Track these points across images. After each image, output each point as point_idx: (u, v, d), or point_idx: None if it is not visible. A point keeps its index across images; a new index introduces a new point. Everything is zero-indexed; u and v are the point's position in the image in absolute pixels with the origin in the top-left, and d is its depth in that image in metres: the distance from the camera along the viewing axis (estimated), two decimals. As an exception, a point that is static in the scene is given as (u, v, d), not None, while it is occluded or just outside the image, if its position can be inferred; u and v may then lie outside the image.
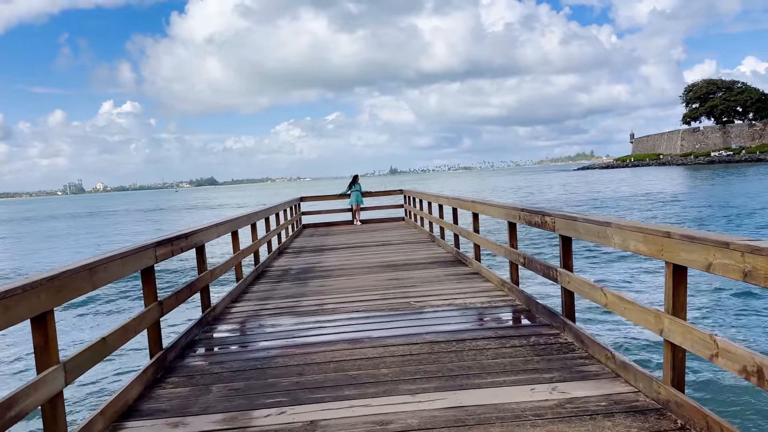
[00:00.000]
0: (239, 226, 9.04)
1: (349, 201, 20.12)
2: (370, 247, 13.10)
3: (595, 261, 17.63)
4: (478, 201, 8.70)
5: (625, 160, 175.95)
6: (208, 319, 6.72)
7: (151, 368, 4.80)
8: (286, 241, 15.13)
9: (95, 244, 34.03)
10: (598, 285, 4.55)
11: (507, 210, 6.95)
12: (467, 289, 7.63)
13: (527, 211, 6.15)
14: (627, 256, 17.20)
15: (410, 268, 9.78)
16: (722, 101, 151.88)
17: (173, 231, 6.30)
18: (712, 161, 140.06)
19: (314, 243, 15.00)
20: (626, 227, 4.00)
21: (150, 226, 48.17)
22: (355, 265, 10.45)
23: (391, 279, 8.81)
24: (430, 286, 8.02)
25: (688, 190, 48.89)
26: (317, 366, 4.86)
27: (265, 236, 11.75)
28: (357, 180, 20.23)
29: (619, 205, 38.62)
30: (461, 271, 9.14)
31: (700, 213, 29.80)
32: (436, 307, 6.73)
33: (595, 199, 45.42)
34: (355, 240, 14.97)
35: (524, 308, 6.40)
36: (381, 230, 17.33)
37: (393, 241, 14.14)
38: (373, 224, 19.71)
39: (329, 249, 13.39)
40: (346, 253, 12.31)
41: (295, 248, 14.11)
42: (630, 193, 48.73)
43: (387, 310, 6.75)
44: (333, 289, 8.33)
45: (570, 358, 4.68)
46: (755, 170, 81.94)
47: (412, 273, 9.24)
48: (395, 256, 11.27)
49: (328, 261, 11.34)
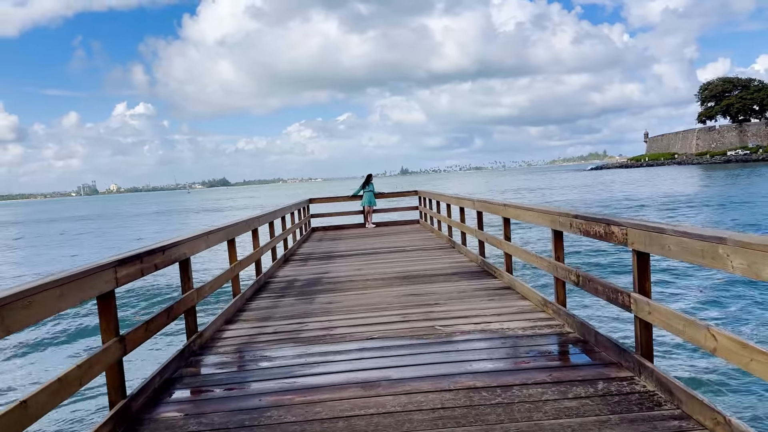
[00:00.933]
0: (236, 234, 7.92)
1: (362, 202, 18.97)
2: (384, 254, 11.94)
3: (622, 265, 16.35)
4: (512, 204, 7.51)
5: (639, 160, 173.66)
6: (193, 348, 5.60)
7: (107, 426, 3.68)
8: (294, 247, 14.02)
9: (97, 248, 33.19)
10: (702, 322, 3.36)
11: (552, 216, 5.77)
12: (502, 309, 6.44)
13: (583, 219, 4.96)
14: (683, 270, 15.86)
15: (431, 279, 8.61)
16: (738, 99, 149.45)
17: (148, 245, 5.18)
18: (729, 160, 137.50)
19: (323, 249, 13.86)
20: (756, 245, 2.81)
21: (159, 227, 47.45)
22: (367, 276, 9.30)
23: (409, 294, 7.65)
24: (457, 304, 6.84)
25: (724, 190, 46.33)
26: (321, 424, 3.71)
27: (268, 243, 10.64)
28: (370, 180, 19.08)
29: (656, 206, 36.08)
30: (491, 284, 7.95)
31: (756, 217, 27.57)
32: (468, 334, 5.56)
33: (622, 200, 43.45)
34: (367, 245, 13.82)
35: (578, 338, 5.20)
36: (395, 234, 16.17)
37: (409, 246, 12.97)
38: (386, 227, 18.55)
39: (339, 256, 12.25)
40: (358, 262, 11.17)
41: (303, 255, 12.98)
42: (661, 194, 45.80)
43: (407, 337, 5.58)
44: (343, 306, 7.18)
45: (659, 417, 3.49)
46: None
47: (433, 286, 8.07)
48: (412, 265, 10.11)
49: (337, 270, 10.20)
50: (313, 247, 14.35)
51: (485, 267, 9.16)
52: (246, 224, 8.61)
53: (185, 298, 5.56)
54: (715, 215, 29.42)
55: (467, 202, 10.50)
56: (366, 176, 19.21)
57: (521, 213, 6.98)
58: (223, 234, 7.21)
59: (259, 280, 9.23)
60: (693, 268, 14.48)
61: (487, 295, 7.29)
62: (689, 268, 14.66)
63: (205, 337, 5.95)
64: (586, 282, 4.97)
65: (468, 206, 10.43)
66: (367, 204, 18.85)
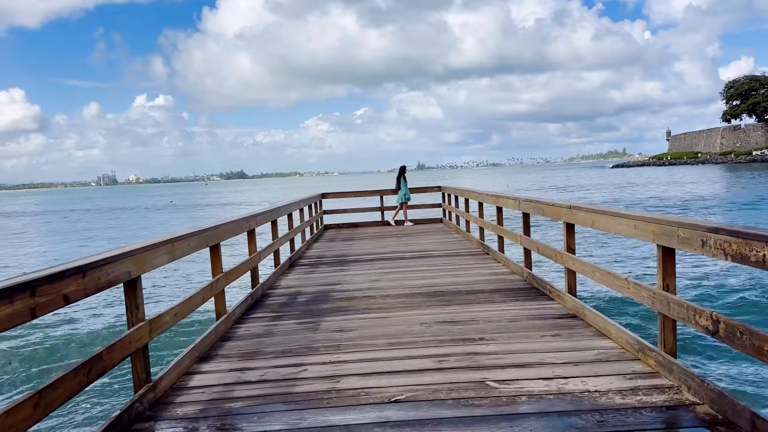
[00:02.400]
0: (222, 238, 6.20)
1: (397, 198, 17.20)
2: (406, 260, 10.18)
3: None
4: (583, 206, 5.70)
5: (661, 158, 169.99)
6: (140, 407, 3.88)
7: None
8: (302, 248, 12.31)
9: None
10: None
11: (663, 226, 3.95)
12: (577, 354, 4.64)
13: (734, 234, 3.15)
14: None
15: (467, 298, 6.83)
16: (765, 98, 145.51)
17: (62, 263, 3.47)
18: (754, 160, 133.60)
19: (335, 251, 12.13)
20: None
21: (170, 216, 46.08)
22: (387, 291, 7.55)
23: (442, 321, 5.87)
24: (510, 341, 5.06)
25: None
26: None
27: (269, 246, 8.93)
28: (404, 172, 17.34)
29: (705, 207, 32.95)
30: (549, 310, 6.14)
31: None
32: (538, 400, 3.76)
33: (662, 198, 40.81)
34: (385, 248, 12.06)
35: (716, 416, 3.39)
36: (416, 234, 14.38)
37: (434, 251, 11.18)
38: (406, 226, 16.77)
39: (354, 261, 10.50)
40: (375, 269, 9.41)
41: (312, 258, 11.25)
42: (705, 195, 42.42)
43: (449, 403, 3.80)
44: (356, 337, 5.43)
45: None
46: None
47: (472, 309, 6.29)
48: (441, 277, 8.33)
49: (351, 281, 8.46)
50: (324, 249, 12.62)
51: (534, 283, 7.35)
52: (235, 225, 6.86)
53: (130, 335, 3.85)
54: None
55: (508, 201, 8.68)
56: (400, 168, 17.47)
57: (601, 219, 5.16)
58: (200, 239, 5.49)
59: (255, 294, 7.52)
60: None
61: (548, 326, 5.48)
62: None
63: (161, 388, 4.23)
64: (735, 334, 3.16)
65: (510, 206, 8.60)
66: (405, 200, 17.09)
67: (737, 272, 13.24)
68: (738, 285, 12.30)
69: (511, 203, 8.47)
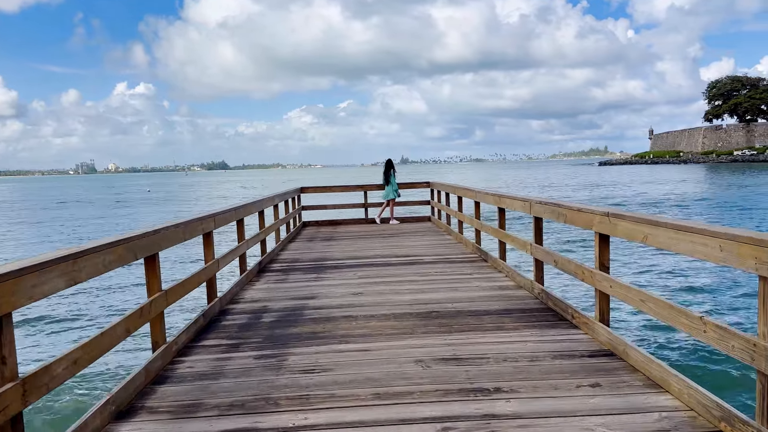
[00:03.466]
0: (158, 247, 4.83)
1: (384, 194, 15.79)
2: (393, 267, 8.88)
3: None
4: (622, 214, 4.43)
5: (643, 157, 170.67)
6: None
7: None
8: (276, 248, 10.95)
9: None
10: None
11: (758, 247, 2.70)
12: (636, 424, 3.37)
13: None
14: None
15: (471, 322, 5.56)
16: (747, 99, 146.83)
17: None
18: (735, 160, 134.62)
19: (313, 253, 10.79)
20: None
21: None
22: (370, 309, 6.24)
23: (443, 358, 4.58)
24: (538, 395, 3.78)
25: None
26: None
27: (233, 250, 7.57)
28: (392, 166, 15.91)
29: (724, 209, 31.44)
30: (574, 341, 4.88)
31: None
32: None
33: (680, 196, 39.24)
34: (369, 251, 10.75)
35: None
36: (403, 235, 13.09)
37: (424, 255, 9.90)
38: (392, 224, 15.47)
39: (333, 266, 9.18)
40: (357, 278, 8.10)
41: (285, 262, 9.91)
42: (720, 194, 41.27)
43: None
44: (330, 384, 4.11)
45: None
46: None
47: (479, 339, 5.01)
48: (436, 291, 7.05)
49: (328, 293, 7.14)
50: (301, 250, 11.27)
51: (550, 303, 6.09)
52: (183, 229, 5.47)
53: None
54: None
55: (515, 202, 7.39)
56: (386, 162, 16.04)
57: (660, 234, 3.86)
58: (125, 251, 4.12)
59: (210, 311, 6.17)
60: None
61: (582, 370, 4.21)
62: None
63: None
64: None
65: (516, 208, 7.32)
66: (393, 196, 15.68)
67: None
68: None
69: (519, 205, 7.19)
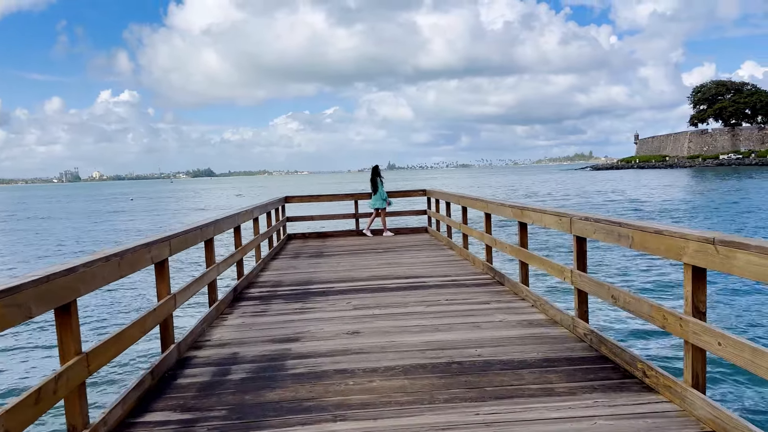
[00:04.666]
0: (75, 293, 3.37)
1: (371, 203, 14.33)
2: (393, 293, 7.47)
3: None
4: (740, 241, 3.07)
5: (629, 161, 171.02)
6: None
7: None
8: (256, 268, 9.51)
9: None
10: None
11: None
12: None
13: None
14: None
15: (508, 381, 4.15)
16: (731, 103, 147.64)
17: None
18: (721, 164, 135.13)
19: (298, 273, 9.34)
20: None
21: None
22: (372, 359, 4.82)
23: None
24: None
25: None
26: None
27: (198, 279, 6.11)
28: (379, 172, 14.40)
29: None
30: (665, 418, 3.49)
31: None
32: None
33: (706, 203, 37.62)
34: (362, 269, 9.33)
35: None
36: (399, 249, 11.68)
37: (428, 277, 8.49)
38: (385, 237, 14.05)
39: (321, 292, 7.74)
40: (351, 309, 6.67)
41: (266, 286, 8.45)
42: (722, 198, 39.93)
43: None
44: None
45: None
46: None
47: (527, 415, 3.60)
48: (451, 328, 5.64)
49: (316, 333, 5.71)
50: (284, 270, 9.82)
51: (604, 349, 4.69)
52: (117, 264, 4.00)
53: None
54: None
55: (545, 216, 6.00)
56: (372, 168, 14.50)
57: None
58: (23, 302, 2.68)
59: (160, 367, 4.69)
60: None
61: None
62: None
63: None
64: None
65: (549, 224, 5.93)
66: (382, 205, 14.22)
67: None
68: None
69: (552, 220, 5.81)
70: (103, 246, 24.30)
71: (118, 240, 27.93)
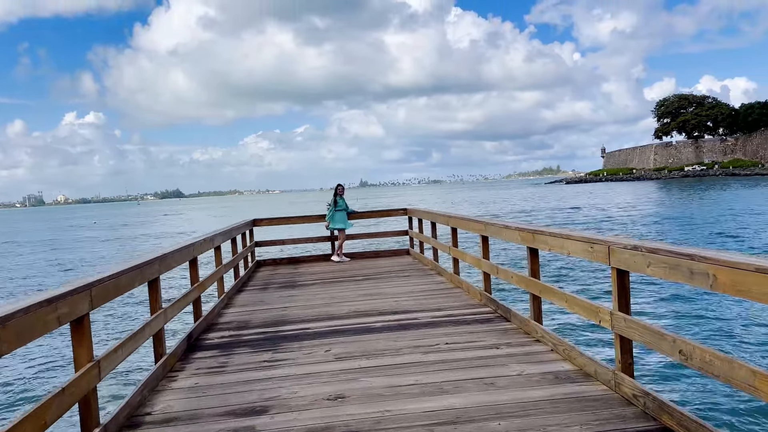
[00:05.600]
0: None
1: (329, 225, 13.19)
2: (381, 334, 6.27)
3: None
4: None
5: (598, 174, 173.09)
6: None
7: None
8: (219, 305, 8.22)
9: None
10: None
11: None
12: None
13: None
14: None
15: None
16: (694, 116, 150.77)
17: None
18: (687, 175, 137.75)
19: (267, 310, 8.07)
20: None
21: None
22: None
23: None
24: None
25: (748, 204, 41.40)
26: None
27: (130, 338, 4.82)
28: (342, 193, 13.32)
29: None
30: None
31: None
32: None
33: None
34: (342, 303, 8.11)
35: None
36: (382, 276, 10.49)
37: (419, 311, 7.31)
38: (365, 261, 12.85)
39: (294, 336, 6.49)
40: (333, 360, 5.44)
41: (228, 329, 7.15)
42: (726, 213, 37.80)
43: None
44: None
45: None
46: (739, 184, 75.94)
47: None
48: (461, 388, 4.46)
49: (290, 400, 4.46)
50: (251, 305, 8.54)
51: (667, 417, 3.58)
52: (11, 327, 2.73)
53: None
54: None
55: (572, 243, 4.88)
56: (335, 188, 13.38)
57: None
58: None
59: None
60: None
61: None
62: None
63: None
64: None
65: (576, 253, 4.80)
66: (340, 225, 13.07)
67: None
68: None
69: (577, 247, 4.68)
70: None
71: (41, 282, 22.73)
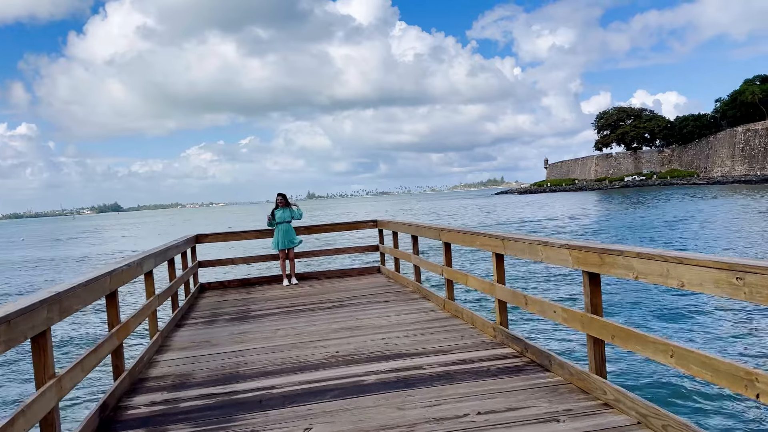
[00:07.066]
0: None
1: (273, 241, 11.15)
2: (377, 396, 4.47)
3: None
4: None
5: (541, 185, 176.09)
6: None
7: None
8: (149, 351, 6.22)
9: None
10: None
11: None
12: None
13: None
14: None
15: None
16: (632, 128, 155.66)
17: None
18: (627, 185, 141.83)
19: (214, 359, 6.11)
20: None
21: None
22: None
23: None
24: None
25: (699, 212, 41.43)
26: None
27: (8, 423, 2.88)
28: (287, 204, 11.14)
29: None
30: None
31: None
32: None
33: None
34: (313, 343, 6.25)
35: None
36: (357, 302, 8.66)
37: (418, 356, 5.54)
38: (329, 283, 10.95)
39: (254, 403, 4.60)
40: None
41: (160, 391, 5.17)
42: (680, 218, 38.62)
43: None
44: None
45: None
46: (677, 193, 77.97)
47: None
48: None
49: None
50: (192, 350, 6.55)
51: None
52: None
53: None
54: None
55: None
56: (277, 198, 11.14)
57: None
58: None
59: None
60: None
61: None
62: None
63: None
64: None
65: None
66: (284, 245, 11.03)
67: None
68: None
69: (709, 277, 3.07)
70: None
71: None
